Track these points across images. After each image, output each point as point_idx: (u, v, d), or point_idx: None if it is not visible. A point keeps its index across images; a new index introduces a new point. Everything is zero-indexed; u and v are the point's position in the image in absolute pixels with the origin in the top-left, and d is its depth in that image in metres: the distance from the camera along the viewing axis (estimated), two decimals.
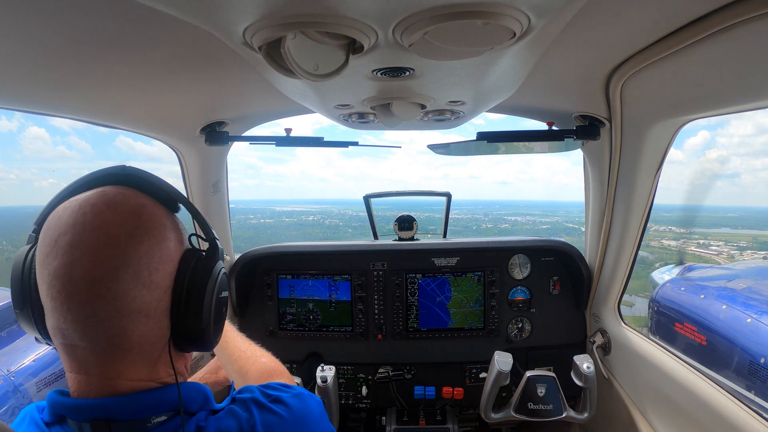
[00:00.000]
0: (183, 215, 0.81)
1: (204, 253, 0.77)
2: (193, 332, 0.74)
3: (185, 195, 1.85)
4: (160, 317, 0.71)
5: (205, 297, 0.74)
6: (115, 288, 0.65)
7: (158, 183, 0.76)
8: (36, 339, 0.75)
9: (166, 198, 0.76)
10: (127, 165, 0.76)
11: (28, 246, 0.74)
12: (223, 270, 0.80)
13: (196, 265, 0.74)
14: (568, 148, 1.94)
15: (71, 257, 0.64)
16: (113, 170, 0.75)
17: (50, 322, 0.67)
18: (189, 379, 1.23)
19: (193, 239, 0.79)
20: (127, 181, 0.75)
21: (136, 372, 0.70)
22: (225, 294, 0.81)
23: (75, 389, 0.69)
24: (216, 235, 0.80)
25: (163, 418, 0.70)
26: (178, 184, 1.89)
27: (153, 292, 0.69)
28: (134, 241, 0.67)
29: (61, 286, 0.64)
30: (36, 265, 0.68)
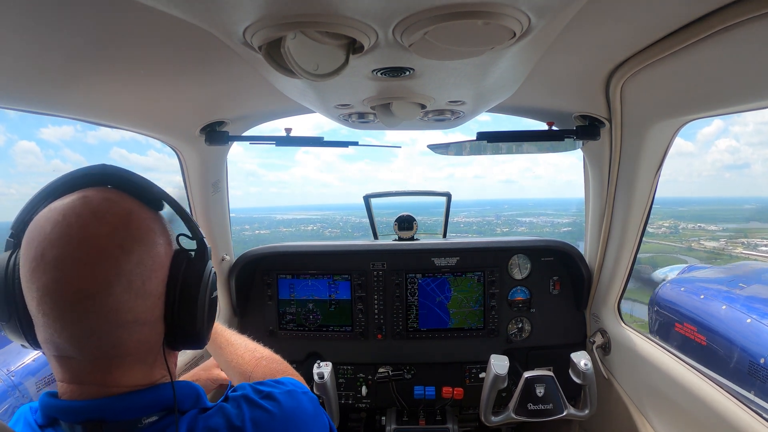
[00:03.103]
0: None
1: (193, 254, 0.76)
2: (188, 334, 0.74)
3: (186, 193, 1.86)
4: (155, 323, 0.70)
5: (198, 300, 0.73)
6: (109, 302, 0.63)
7: (142, 182, 0.73)
8: (23, 346, 0.72)
9: (150, 198, 0.73)
10: (108, 164, 0.73)
11: (8, 253, 0.70)
12: (213, 270, 0.80)
13: (187, 268, 0.73)
14: (568, 148, 1.94)
15: (61, 273, 0.61)
16: (93, 170, 0.72)
17: (42, 335, 0.66)
18: (184, 377, 1.22)
19: (182, 239, 0.78)
20: (109, 181, 0.72)
21: (133, 377, 0.70)
22: (215, 294, 0.81)
23: (67, 395, 0.68)
24: (203, 234, 0.79)
25: (155, 418, 0.70)
26: (180, 194, 1.90)
27: (147, 301, 0.68)
28: (125, 252, 0.65)
29: (52, 302, 0.62)
30: (21, 277, 0.65)
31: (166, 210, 0.78)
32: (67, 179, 0.71)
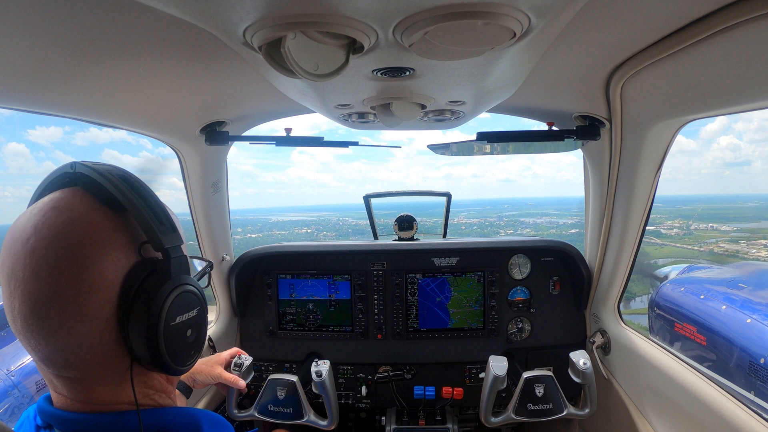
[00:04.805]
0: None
1: (154, 269, 0.66)
2: (150, 362, 0.66)
3: (186, 193, 1.86)
4: (108, 346, 0.63)
5: (148, 326, 0.64)
6: (45, 324, 0.59)
7: (107, 182, 0.65)
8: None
9: (113, 200, 0.65)
10: (78, 161, 0.67)
11: None
12: (182, 289, 0.69)
13: (141, 286, 0.64)
14: (568, 148, 1.94)
15: (8, 289, 0.60)
16: (64, 170, 0.67)
17: None
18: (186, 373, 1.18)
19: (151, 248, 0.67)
20: (79, 181, 0.67)
21: (103, 394, 0.66)
22: (184, 318, 0.69)
23: (59, 405, 0.68)
24: (181, 240, 0.70)
25: None
26: (179, 196, 1.90)
27: (89, 324, 0.61)
28: (56, 271, 0.59)
29: (8, 316, 0.62)
30: None
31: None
32: (46, 183, 0.68)
